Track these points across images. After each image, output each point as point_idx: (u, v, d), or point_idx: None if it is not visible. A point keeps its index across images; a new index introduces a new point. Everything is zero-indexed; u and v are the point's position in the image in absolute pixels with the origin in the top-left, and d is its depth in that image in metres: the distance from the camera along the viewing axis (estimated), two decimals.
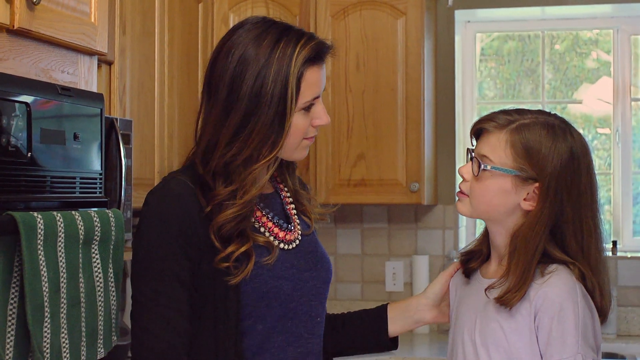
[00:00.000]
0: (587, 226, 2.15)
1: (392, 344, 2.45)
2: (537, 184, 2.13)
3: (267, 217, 2.20)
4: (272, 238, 2.17)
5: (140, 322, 2.08)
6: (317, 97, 2.16)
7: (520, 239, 2.14)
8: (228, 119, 2.10)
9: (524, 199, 2.15)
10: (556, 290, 2.09)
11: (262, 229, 2.17)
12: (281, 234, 2.19)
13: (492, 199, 2.17)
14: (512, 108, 2.22)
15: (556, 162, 2.12)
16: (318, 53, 2.15)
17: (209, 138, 2.14)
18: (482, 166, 2.16)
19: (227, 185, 2.11)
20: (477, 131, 2.23)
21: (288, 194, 2.29)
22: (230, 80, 2.10)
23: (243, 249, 2.08)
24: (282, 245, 2.18)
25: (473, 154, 2.21)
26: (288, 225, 2.22)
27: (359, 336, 2.42)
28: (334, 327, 2.39)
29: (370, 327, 2.42)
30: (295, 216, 2.27)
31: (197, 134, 2.20)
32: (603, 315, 2.18)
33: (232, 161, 2.10)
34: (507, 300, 2.10)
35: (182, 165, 2.22)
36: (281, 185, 2.30)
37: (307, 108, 2.14)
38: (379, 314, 2.43)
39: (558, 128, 2.16)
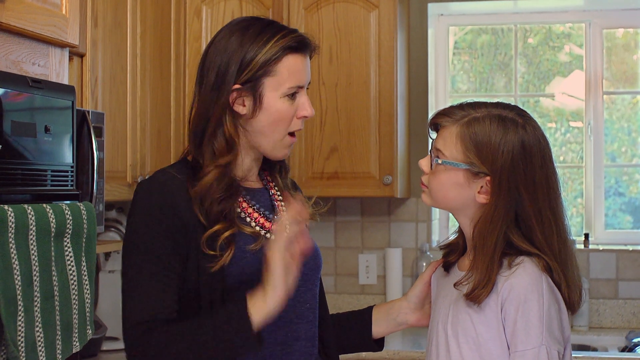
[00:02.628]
0: (547, 218, 2.16)
1: (376, 345, 2.50)
2: (488, 178, 2.14)
3: (253, 208, 2.26)
4: (258, 228, 2.23)
5: (125, 293, 2.13)
6: (302, 87, 2.24)
7: (478, 235, 2.16)
8: (219, 98, 2.20)
9: (478, 192, 2.17)
10: (521, 281, 2.11)
11: (247, 219, 2.23)
12: (267, 225, 2.25)
13: (448, 192, 2.20)
14: (469, 102, 2.24)
15: (506, 155, 2.13)
16: (300, 42, 2.23)
17: (199, 118, 2.23)
18: (434, 160, 2.19)
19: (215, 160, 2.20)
20: (435, 125, 2.25)
21: (277, 192, 2.35)
22: (218, 67, 2.20)
23: (228, 232, 2.14)
24: (268, 235, 2.23)
25: (431, 147, 2.24)
26: (275, 217, 2.28)
27: (345, 336, 2.48)
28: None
29: (356, 328, 2.49)
30: (285, 212, 2.30)
31: (190, 121, 2.28)
32: (572, 307, 2.19)
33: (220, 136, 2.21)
34: (475, 297, 2.12)
35: (176, 162, 2.32)
36: (271, 184, 2.36)
37: (292, 95, 2.22)
38: (364, 316, 2.49)
39: (510, 121, 2.16)
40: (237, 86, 2.18)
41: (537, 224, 2.15)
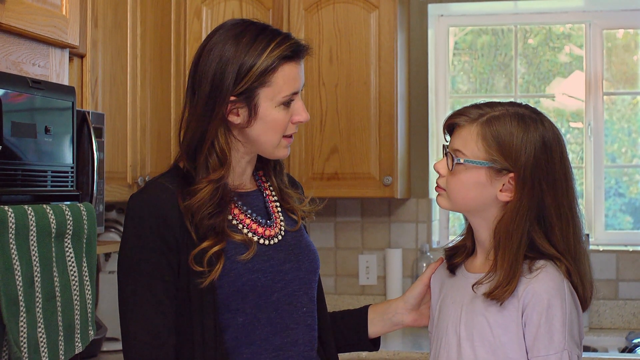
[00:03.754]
0: (565, 214, 2.17)
1: (372, 344, 2.49)
2: (511, 175, 2.15)
3: (246, 215, 2.24)
4: (250, 234, 2.21)
5: (124, 324, 2.15)
6: (296, 93, 2.22)
7: (503, 232, 2.15)
8: (214, 111, 2.17)
9: (500, 190, 2.16)
10: (544, 286, 2.11)
11: (240, 226, 2.22)
12: (260, 230, 2.24)
13: (469, 192, 2.19)
14: (484, 102, 2.24)
15: (529, 151, 2.14)
16: (295, 50, 2.21)
17: (193, 132, 2.20)
18: (455, 160, 2.18)
19: (208, 175, 2.18)
20: (450, 126, 2.25)
21: (272, 192, 2.34)
22: (212, 77, 2.17)
23: (217, 248, 2.13)
24: (262, 240, 2.22)
25: (447, 149, 2.22)
26: (267, 222, 2.26)
27: (340, 336, 2.47)
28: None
29: (351, 327, 2.48)
30: (279, 213, 2.31)
31: (182, 132, 2.25)
32: (584, 304, 2.20)
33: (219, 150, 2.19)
34: (497, 295, 2.12)
35: (167, 169, 2.28)
36: (266, 184, 2.34)
37: (287, 103, 2.20)
38: (360, 315, 2.48)
39: (529, 118, 2.17)
40: (232, 98, 2.16)
41: (557, 220, 2.16)
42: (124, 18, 3.51)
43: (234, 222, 2.21)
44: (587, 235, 4.72)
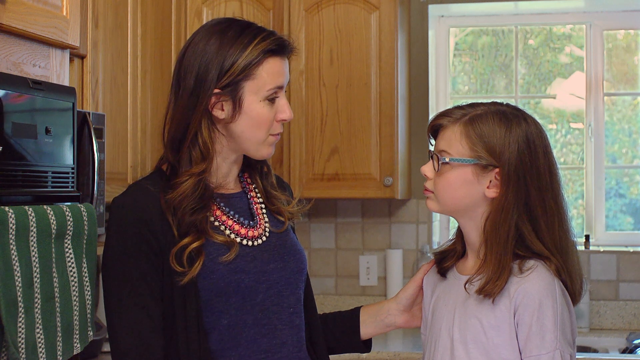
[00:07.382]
0: (550, 207, 2.19)
1: (364, 346, 2.49)
2: (497, 170, 2.17)
3: (228, 216, 2.25)
4: (232, 235, 2.21)
5: (111, 328, 2.17)
6: (281, 89, 2.22)
7: (490, 227, 2.17)
8: (198, 103, 2.18)
9: (487, 187, 2.18)
10: (536, 286, 2.12)
11: (222, 227, 2.22)
12: (243, 231, 2.24)
13: (456, 192, 2.20)
14: (466, 103, 2.27)
15: (513, 146, 2.16)
16: (280, 45, 2.22)
17: (177, 124, 2.21)
18: (441, 160, 2.20)
19: (190, 168, 2.20)
20: (434, 128, 2.27)
21: (258, 194, 2.33)
22: (197, 72, 2.19)
23: (196, 244, 2.13)
24: (245, 241, 2.22)
25: (433, 152, 2.25)
26: (250, 223, 2.26)
27: (332, 337, 2.47)
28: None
29: (344, 329, 2.48)
30: (264, 214, 2.31)
31: (166, 125, 2.27)
32: (574, 298, 2.21)
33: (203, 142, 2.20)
34: (488, 290, 2.13)
35: (150, 172, 2.30)
36: (251, 186, 2.34)
37: (272, 100, 2.21)
38: (352, 317, 2.48)
39: (511, 115, 2.20)
40: (216, 90, 2.17)
41: (541, 213, 2.17)
42: (125, 19, 3.51)
43: (216, 223, 2.22)
44: (587, 236, 4.72)
